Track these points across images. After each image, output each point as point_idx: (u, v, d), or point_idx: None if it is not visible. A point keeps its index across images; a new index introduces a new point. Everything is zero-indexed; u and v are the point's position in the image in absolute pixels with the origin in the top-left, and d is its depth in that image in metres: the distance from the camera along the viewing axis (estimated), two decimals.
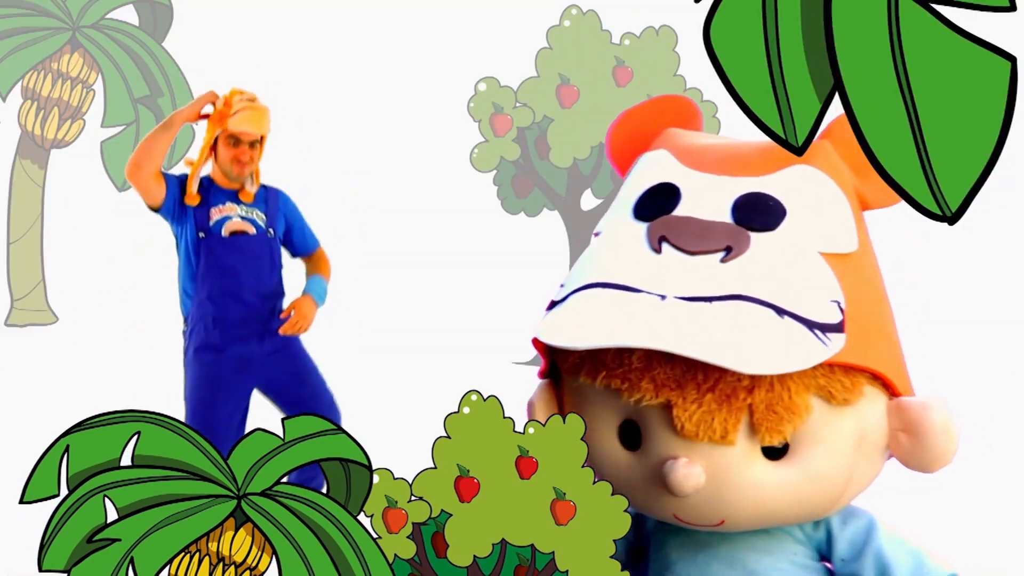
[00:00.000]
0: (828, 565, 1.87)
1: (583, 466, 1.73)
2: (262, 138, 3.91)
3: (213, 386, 3.87)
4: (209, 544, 1.72)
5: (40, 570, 1.66)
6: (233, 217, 3.90)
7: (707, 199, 1.77)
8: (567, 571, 1.72)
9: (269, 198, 4.01)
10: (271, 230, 3.96)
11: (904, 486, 2.54)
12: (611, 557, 1.95)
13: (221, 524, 1.68)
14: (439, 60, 12.49)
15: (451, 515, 1.74)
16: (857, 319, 1.69)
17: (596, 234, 1.90)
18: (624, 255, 1.76)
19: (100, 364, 7.49)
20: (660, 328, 1.61)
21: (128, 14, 9.41)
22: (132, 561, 1.63)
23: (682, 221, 1.75)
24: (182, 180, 3.88)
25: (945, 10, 1.44)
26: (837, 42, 1.46)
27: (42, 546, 1.66)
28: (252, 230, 3.91)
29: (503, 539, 1.73)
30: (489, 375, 7.07)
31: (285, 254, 4.07)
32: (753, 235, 1.70)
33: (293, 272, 4.14)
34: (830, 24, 1.46)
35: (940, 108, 1.44)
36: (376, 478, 1.75)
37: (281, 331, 3.85)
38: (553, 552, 1.72)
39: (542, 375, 1.93)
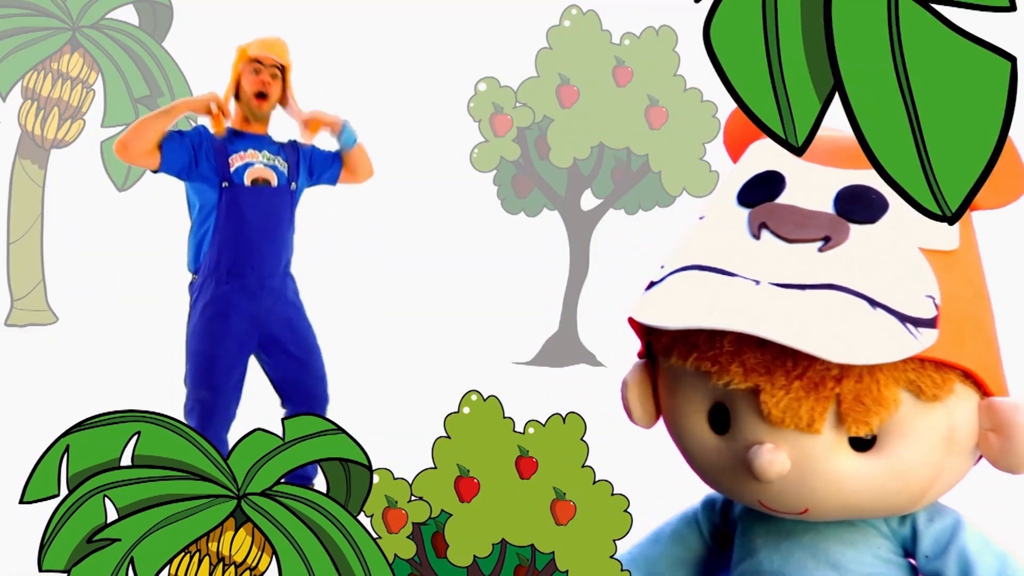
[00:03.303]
0: (912, 561, 1.87)
1: (583, 465, 1.73)
2: (284, 70, 3.87)
3: (218, 337, 3.82)
4: (209, 544, 1.72)
5: (40, 570, 1.66)
6: (256, 164, 3.85)
7: (811, 189, 1.77)
8: (567, 571, 1.72)
9: (288, 148, 3.97)
10: (293, 183, 3.92)
11: (997, 487, 2.49)
12: (692, 538, 1.96)
13: (221, 524, 1.68)
14: (439, 60, 12.49)
15: (451, 515, 1.74)
16: (953, 316, 1.69)
17: (700, 217, 1.90)
18: (723, 239, 1.77)
19: (100, 364, 7.48)
20: (751, 313, 1.62)
21: (128, 14, 9.39)
22: (132, 561, 1.63)
23: (783, 209, 1.76)
24: (196, 133, 3.82)
25: (945, 10, 1.44)
26: (837, 42, 1.46)
27: (42, 546, 1.66)
28: (274, 180, 3.87)
29: (503, 539, 1.73)
30: (489, 375, 7.07)
31: (299, 213, 4.03)
32: (853, 227, 1.71)
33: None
34: (830, 24, 1.46)
35: (940, 108, 1.44)
36: (376, 478, 1.75)
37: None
38: (553, 552, 1.72)
39: (640, 356, 1.94)
